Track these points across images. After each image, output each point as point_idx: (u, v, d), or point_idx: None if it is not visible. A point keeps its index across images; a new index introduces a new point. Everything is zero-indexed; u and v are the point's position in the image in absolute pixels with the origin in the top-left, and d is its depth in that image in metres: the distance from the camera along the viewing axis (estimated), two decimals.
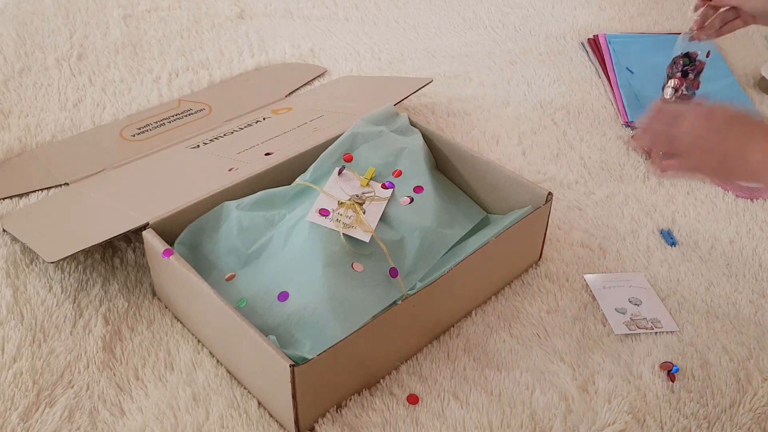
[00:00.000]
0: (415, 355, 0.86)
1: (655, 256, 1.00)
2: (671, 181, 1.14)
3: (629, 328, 0.89)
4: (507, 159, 1.19)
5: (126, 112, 1.28)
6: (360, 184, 0.96)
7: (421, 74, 1.41)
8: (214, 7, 1.64)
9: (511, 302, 0.93)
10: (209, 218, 0.92)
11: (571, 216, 1.07)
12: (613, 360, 0.85)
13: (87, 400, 0.80)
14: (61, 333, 0.87)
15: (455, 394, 0.81)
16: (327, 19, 1.62)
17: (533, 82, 1.40)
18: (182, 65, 1.42)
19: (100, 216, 0.97)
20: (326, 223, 0.88)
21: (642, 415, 0.79)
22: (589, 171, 1.16)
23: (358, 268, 0.86)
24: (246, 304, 0.84)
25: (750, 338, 0.88)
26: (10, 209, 1.05)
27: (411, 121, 1.07)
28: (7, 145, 1.18)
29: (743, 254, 1.01)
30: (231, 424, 0.78)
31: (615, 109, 1.32)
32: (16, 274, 0.94)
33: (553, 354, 0.86)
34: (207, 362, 0.84)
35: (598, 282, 0.95)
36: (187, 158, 1.11)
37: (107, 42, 1.48)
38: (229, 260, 0.90)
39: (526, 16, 1.65)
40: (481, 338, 0.88)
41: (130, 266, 0.97)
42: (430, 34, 1.57)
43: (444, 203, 0.97)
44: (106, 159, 1.14)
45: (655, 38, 1.51)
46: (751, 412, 0.80)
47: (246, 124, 1.20)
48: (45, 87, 1.34)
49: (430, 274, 0.88)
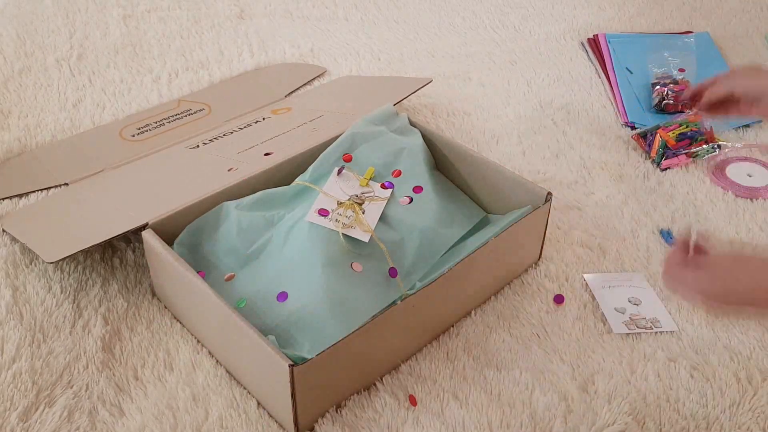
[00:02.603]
0: (415, 355, 0.86)
1: (655, 256, 1.00)
2: (671, 181, 1.14)
3: (628, 327, 0.89)
4: (507, 159, 1.19)
5: (126, 113, 1.28)
6: (359, 184, 0.96)
7: (421, 74, 1.41)
8: (214, 7, 1.64)
9: (510, 302, 0.93)
10: (208, 218, 0.92)
11: (571, 216, 1.07)
12: (613, 360, 0.85)
13: (86, 401, 0.80)
14: (60, 333, 0.87)
15: (455, 394, 0.81)
16: (327, 19, 1.62)
17: (533, 82, 1.40)
18: (182, 65, 1.42)
19: (100, 216, 0.97)
20: (325, 223, 0.88)
21: (642, 416, 0.79)
22: (589, 171, 1.16)
23: (357, 268, 0.86)
24: (245, 305, 0.84)
25: (750, 338, 0.88)
26: (9, 209, 1.05)
27: (411, 121, 1.07)
28: (7, 145, 1.18)
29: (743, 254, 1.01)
30: (230, 424, 0.78)
31: (615, 109, 1.32)
32: (15, 274, 0.94)
33: (553, 354, 0.86)
34: (206, 362, 0.84)
35: (597, 281, 0.95)
36: (187, 158, 1.11)
37: (107, 42, 1.48)
38: (229, 260, 0.90)
39: (526, 16, 1.64)
40: (481, 338, 0.88)
41: (129, 266, 0.97)
42: (430, 34, 1.57)
43: (443, 203, 0.97)
44: (106, 159, 1.14)
45: (655, 38, 1.51)
46: (751, 412, 0.80)
47: (245, 124, 1.20)
48: (45, 87, 1.34)
49: (429, 274, 0.88)
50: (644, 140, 1.21)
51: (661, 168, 1.16)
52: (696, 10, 1.66)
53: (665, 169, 1.16)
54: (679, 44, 1.46)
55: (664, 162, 1.16)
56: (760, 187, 1.12)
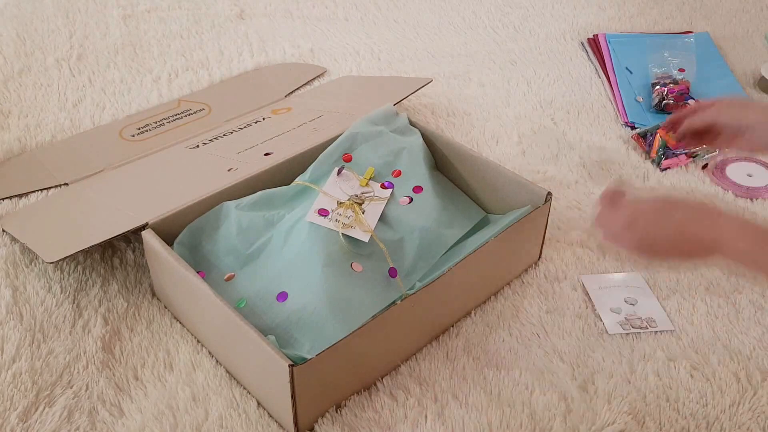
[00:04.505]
0: (415, 355, 0.86)
1: None
2: (671, 181, 1.14)
3: (623, 327, 0.89)
4: (507, 159, 1.19)
5: (126, 112, 1.28)
6: (359, 184, 0.96)
7: (421, 74, 1.41)
8: (214, 7, 1.64)
9: (510, 302, 0.93)
10: (208, 218, 0.92)
11: (571, 216, 1.07)
12: (613, 360, 0.85)
13: (86, 401, 0.80)
14: (60, 333, 0.87)
15: (455, 394, 0.81)
16: (327, 19, 1.62)
17: (533, 82, 1.40)
18: (182, 65, 1.42)
19: (100, 216, 0.97)
20: (325, 223, 0.88)
21: (642, 415, 0.79)
22: (589, 171, 1.16)
23: (357, 268, 0.86)
24: (245, 305, 0.84)
25: (750, 338, 0.88)
26: (9, 209, 1.05)
27: (411, 121, 1.07)
28: (7, 145, 1.18)
29: None
30: (230, 424, 0.78)
31: (615, 109, 1.32)
32: (15, 274, 0.94)
33: (553, 354, 0.86)
34: (206, 362, 0.84)
35: (594, 282, 0.95)
36: (187, 158, 1.11)
37: (107, 42, 1.48)
38: (229, 260, 0.90)
39: (526, 16, 1.65)
40: (481, 338, 0.88)
41: (129, 266, 0.97)
42: (430, 34, 1.57)
43: (443, 203, 0.97)
44: (106, 159, 1.14)
45: (655, 38, 1.51)
46: (751, 411, 0.80)
47: (245, 124, 1.20)
48: (45, 87, 1.34)
49: (429, 274, 0.88)
50: (644, 140, 1.21)
51: (661, 168, 1.16)
52: (696, 10, 1.66)
53: (665, 169, 1.16)
54: (679, 44, 1.46)
55: (664, 162, 1.16)
56: (760, 187, 1.12)
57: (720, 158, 1.17)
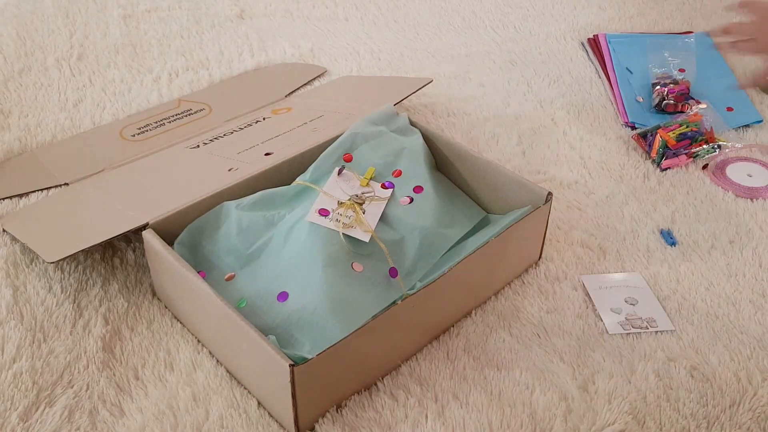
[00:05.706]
0: (415, 355, 0.86)
1: (655, 256, 1.00)
2: (671, 181, 1.14)
3: (623, 327, 0.89)
4: (507, 159, 1.19)
5: (126, 112, 1.28)
6: (360, 184, 0.96)
7: (421, 74, 1.41)
8: (214, 7, 1.64)
9: (511, 302, 0.93)
10: (209, 218, 0.92)
11: (571, 216, 1.07)
12: (613, 360, 0.85)
13: (87, 400, 0.80)
14: (60, 333, 0.87)
15: (455, 394, 0.81)
16: (327, 19, 1.62)
17: (533, 82, 1.40)
18: (182, 65, 1.42)
19: (100, 216, 0.97)
20: (326, 223, 0.88)
21: (642, 415, 0.79)
22: (589, 171, 1.16)
23: (357, 268, 0.86)
24: (246, 305, 0.84)
25: (750, 338, 0.88)
26: (10, 209, 1.05)
27: (411, 121, 1.07)
28: (7, 145, 1.18)
29: (743, 254, 1.01)
30: (231, 424, 0.78)
31: (615, 109, 1.32)
32: (15, 274, 0.94)
33: (553, 353, 0.86)
34: (207, 362, 0.84)
35: (594, 282, 0.95)
36: (187, 158, 1.11)
37: (107, 42, 1.48)
38: (229, 260, 0.90)
39: (526, 16, 1.65)
40: (481, 338, 0.88)
41: (129, 266, 0.97)
42: (430, 34, 1.57)
43: (444, 203, 0.97)
44: (106, 159, 1.14)
45: (655, 38, 1.51)
46: (751, 412, 0.80)
47: (246, 124, 1.20)
48: (45, 87, 1.34)
49: (429, 274, 0.88)
50: (644, 140, 1.21)
51: (661, 168, 1.16)
52: (696, 11, 1.66)
53: (665, 169, 1.16)
54: (679, 44, 1.46)
55: (664, 162, 1.16)
56: (760, 187, 1.12)
57: (720, 158, 1.17)
